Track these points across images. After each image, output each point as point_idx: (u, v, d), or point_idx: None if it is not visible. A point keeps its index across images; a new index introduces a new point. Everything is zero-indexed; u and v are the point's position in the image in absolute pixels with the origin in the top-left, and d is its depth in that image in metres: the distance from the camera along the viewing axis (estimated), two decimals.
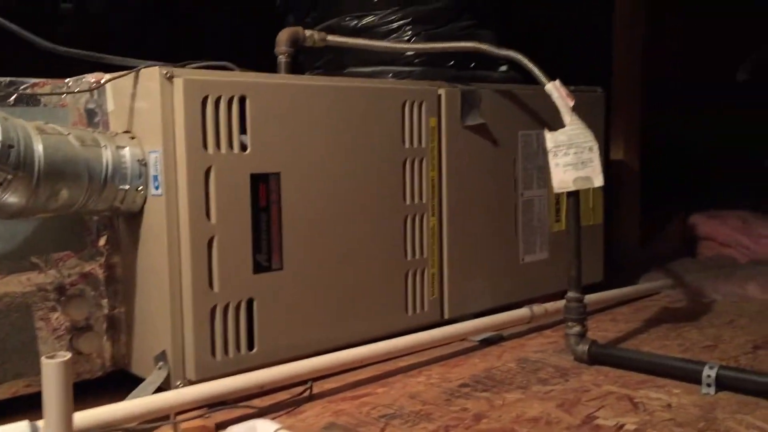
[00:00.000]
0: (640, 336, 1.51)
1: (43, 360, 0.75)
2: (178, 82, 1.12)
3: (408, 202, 1.44)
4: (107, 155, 1.11)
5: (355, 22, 1.62)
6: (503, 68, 1.71)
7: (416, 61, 1.61)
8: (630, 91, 2.16)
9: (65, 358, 0.76)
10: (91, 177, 1.09)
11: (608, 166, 2.11)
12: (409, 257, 1.44)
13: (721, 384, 1.16)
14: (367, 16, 1.62)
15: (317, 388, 1.21)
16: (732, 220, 2.24)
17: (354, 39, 1.55)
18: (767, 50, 2.69)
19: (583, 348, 1.32)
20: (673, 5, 2.49)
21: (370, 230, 1.38)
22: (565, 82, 1.38)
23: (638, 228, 2.26)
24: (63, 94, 1.18)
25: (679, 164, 2.71)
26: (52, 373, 0.75)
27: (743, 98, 2.73)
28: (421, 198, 1.46)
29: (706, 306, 1.76)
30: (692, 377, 1.19)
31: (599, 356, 1.31)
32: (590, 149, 1.31)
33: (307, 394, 1.18)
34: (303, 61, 1.75)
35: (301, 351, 1.26)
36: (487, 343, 1.46)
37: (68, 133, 1.08)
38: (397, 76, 1.59)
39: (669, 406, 1.11)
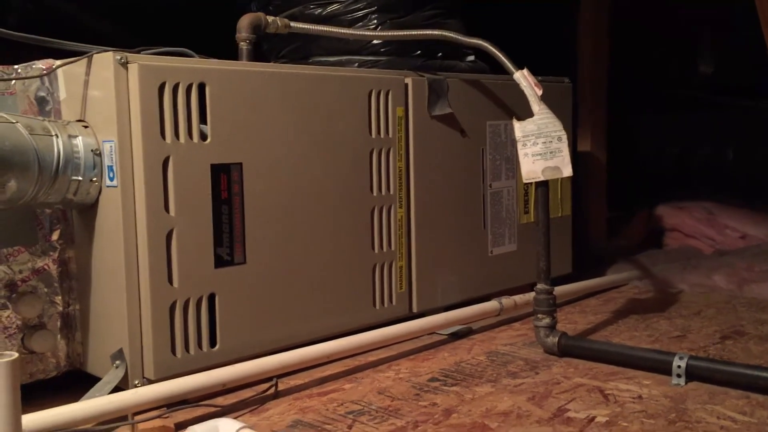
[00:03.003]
0: (610, 327, 1.50)
1: None
2: (133, 68, 1.07)
3: (375, 193, 1.41)
4: (59, 145, 1.06)
5: (320, 10, 1.59)
6: (471, 58, 1.69)
7: (382, 50, 1.58)
8: (597, 82, 2.16)
9: (12, 358, 0.72)
10: (41, 168, 1.03)
11: (575, 158, 2.11)
12: (376, 250, 1.41)
13: (691, 374, 1.15)
14: (331, 4, 1.58)
15: (283, 384, 1.18)
16: (697, 212, 2.25)
17: (319, 26, 1.52)
18: (725, 42, 2.72)
19: (553, 340, 1.30)
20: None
21: (337, 222, 1.34)
22: (533, 73, 1.36)
23: (605, 220, 2.26)
24: (12, 80, 1.13)
25: (644, 157, 2.73)
26: None
27: (706, 91, 2.76)
28: (388, 189, 1.43)
29: (674, 297, 1.77)
30: (662, 368, 1.18)
31: (569, 348, 1.29)
32: (559, 139, 1.30)
33: (272, 391, 1.15)
34: (267, 49, 1.71)
35: (265, 347, 1.23)
36: (456, 336, 1.44)
37: (16, 122, 1.02)
38: (364, 65, 1.56)
39: (640, 397, 1.10)
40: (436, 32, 1.51)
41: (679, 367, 1.15)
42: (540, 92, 1.33)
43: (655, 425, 0.99)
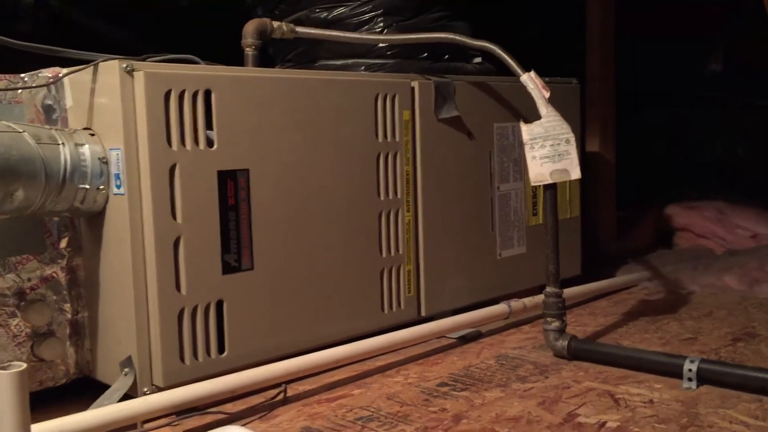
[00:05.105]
0: (620, 329, 1.49)
1: None
2: (139, 76, 1.07)
3: (382, 197, 1.40)
4: (65, 153, 1.06)
5: (326, 14, 1.58)
6: (478, 59, 1.68)
7: (389, 53, 1.57)
8: (605, 82, 2.15)
9: (20, 369, 0.72)
10: (48, 176, 1.04)
11: (584, 159, 2.10)
12: (384, 254, 1.41)
13: (703, 378, 1.14)
14: (337, 7, 1.58)
15: (292, 390, 1.18)
16: (708, 211, 2.24)
17: (324, 30, 1.51)
18: (734, 38, 2.69)
19: (562, 344, 1.29)
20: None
21: (344, 227, 1.34)
22: (540, 74, 1.35)
23: (614, 220, 2.25)
24: (18, 89, 1.13)
25: (654, 155, 2.71)
26: (6, 384, 0.71)
27: (716, 89, 2.74)
28: (396, 193, 1.42)
29: (685, 298, 1.75)
30: (673, 372, 1.17)
31: (579, 352, 1.29)
32: (567, 141, 1.29)
33: (281, 397, 1.15)
34: (273, 54, 1.71)
35: (274, 353, 1.23)
36: (465, 340, 1.44)
37: (23, 131, 1.03)
38: (370, 68, 1.56)
39: (651, 401, 1.09)
40: (441, 35, 1.50)
41: (690, 370, 1.14)
42: (547, 94, 1.32)
43: (667, 430, 0.98)
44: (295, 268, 1.27)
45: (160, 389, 1.09)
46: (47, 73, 1.16)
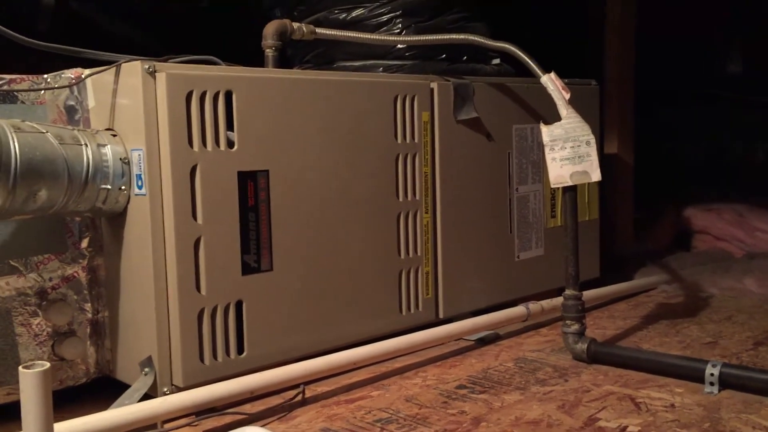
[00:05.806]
0: (639, 333, 1.48)
1: (21, 369, 0.71)
2: (161, 77, 1.07)
3: (401, 198, 1.40)
4: (88, 154, 1.07)
5: (344, 15, 1.58)
6: (496, 61, 1.68)
7: (407, 54, 1.57)
8: (624, 83, 2.13)
9: (44, 368, 0.72)
10: (71, 177, 1.04)
11: (602, 161, 2.09)
12: (402, 256, 1.41)
13: (725, 382, 1.13)
14: (355, 9, 1.58)
15: (310, 391, 1.18)
16: (727, 214, 2.22)
17: (344, 32, 1.51)
18: (747, 37, 2.67)
19: (582, 347, 1.29)
20: None
21: (363, 228, 1.34)
22: (558, 75, 1.34)
23: (632, 223, 2.23)
24: (41, 90, 1.14)
25: (666, 158, 2.69)
26: (30, 383, 0.72)
27: (736, 90, 2.72)
28: (414, 194, 1.42)
29: (704, 301, 1.74)
30: (695, 376, 1.16)
31: (599, 355, 1.28)
32: (587, 143, 1.28)
33: (299, 398, 1.15)
34: (291, 55, 1.71)
35: (292, 354, 1.23)
36: (483, 342, 1.43)
37: (46, 131, 1.03)
38: (388, 70, 1.55)
39: (672, 406, 1.08)
40: (460, 36, 1.50)
41: (712, 375, 1.13)
42: (568, 96, 1.31)
43: None
44: (314, 269, 1.27)
45: (179, 389, 1.10)
46: (70, 74, 1.17)
